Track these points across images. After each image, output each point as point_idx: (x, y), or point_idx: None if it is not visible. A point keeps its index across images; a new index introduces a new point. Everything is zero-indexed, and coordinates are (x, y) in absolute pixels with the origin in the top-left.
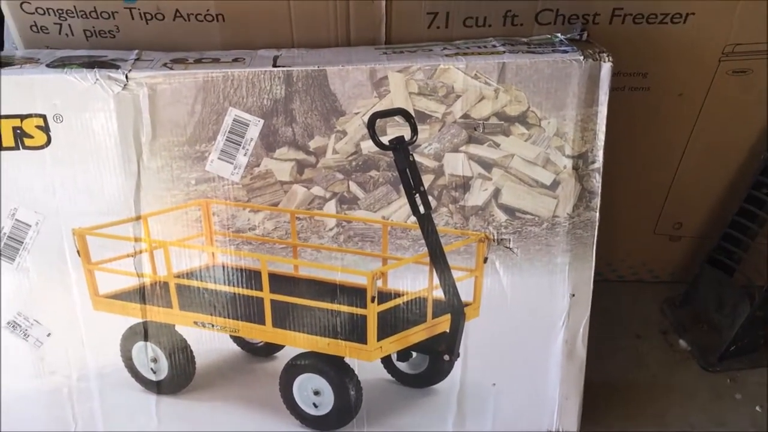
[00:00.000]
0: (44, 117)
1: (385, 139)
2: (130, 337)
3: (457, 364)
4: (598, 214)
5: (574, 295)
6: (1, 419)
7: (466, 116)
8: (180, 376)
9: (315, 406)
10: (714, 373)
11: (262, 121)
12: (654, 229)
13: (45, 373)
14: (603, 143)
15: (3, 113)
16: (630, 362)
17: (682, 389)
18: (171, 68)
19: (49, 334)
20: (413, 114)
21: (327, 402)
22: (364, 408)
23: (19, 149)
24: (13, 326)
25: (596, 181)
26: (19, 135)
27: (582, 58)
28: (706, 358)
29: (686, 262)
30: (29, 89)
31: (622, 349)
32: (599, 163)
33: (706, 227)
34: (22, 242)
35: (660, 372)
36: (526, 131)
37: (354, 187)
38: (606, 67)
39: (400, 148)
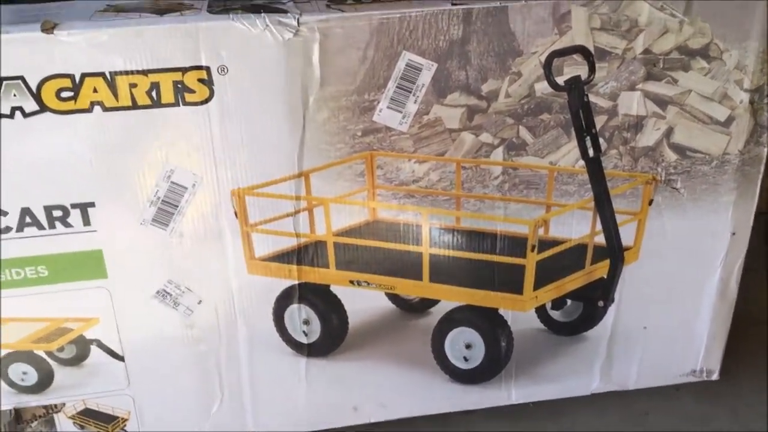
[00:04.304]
0: (208, 69)
1: (560, 80)
2: (283, 300)
3: (610, 310)
4: (766, 149)
5: (734, 234)
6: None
7: (646, 51)
8: (332, 337)
9: (465, 359)
10: None
11: (435, 65)
12: None
13: (193, 342)
14: None
15: (162, 66)
16: None
17: None
18: (341, 10)
19: (199, 302)
20: (592, 51)
21: (477, 355)
22: (513, 359)
23: (178, 105)
24: (162, 295)
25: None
26: (180, 90)
27: None
28: None
29: None
30: (193, 39)
31: (761, 288)
32: None
33: None
34: (177, 206)
35: None
36: (706, 65)
37: (523, 132)
38: None
39: (576, 88)
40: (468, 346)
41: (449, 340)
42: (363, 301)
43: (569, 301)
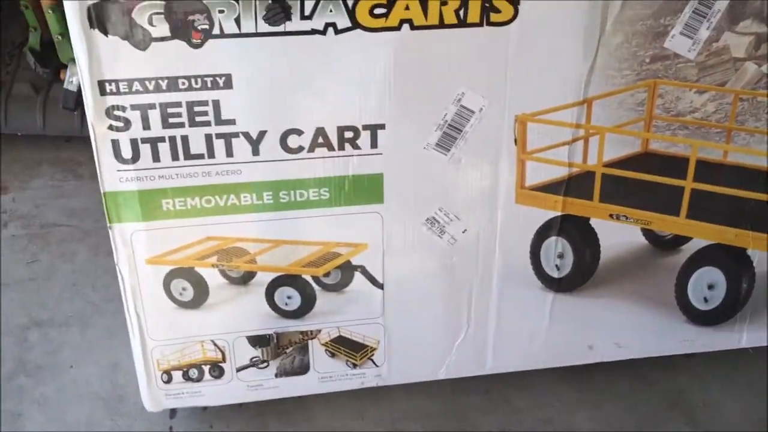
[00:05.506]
0: None
1: None
2: (543, 232)
3: None
4: None
5: None
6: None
7: None
8: (583, 272)
9: (705, 300)
10: None
11: None
12: None
13: (451, 271)
14: None
15: None
16: None
17: None
18: None
19: (464, 231)
20: None
21: (718, 296)
22: (750, 302)
23: (482, 26)
24: (431, 223)
25: None
26: (487, 9)
27: None
28: None
29: None
30: None
31: None
32: None
33: None
34: (461, 131)
35: None
36: None
37: None
38: None
39: None
40: (710, 287)
41: (693, 279)
42: (617, 235)
43: None
